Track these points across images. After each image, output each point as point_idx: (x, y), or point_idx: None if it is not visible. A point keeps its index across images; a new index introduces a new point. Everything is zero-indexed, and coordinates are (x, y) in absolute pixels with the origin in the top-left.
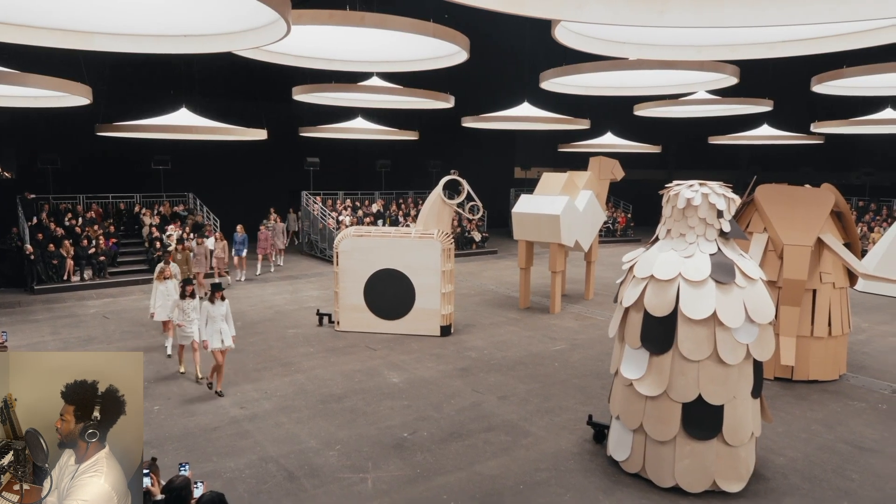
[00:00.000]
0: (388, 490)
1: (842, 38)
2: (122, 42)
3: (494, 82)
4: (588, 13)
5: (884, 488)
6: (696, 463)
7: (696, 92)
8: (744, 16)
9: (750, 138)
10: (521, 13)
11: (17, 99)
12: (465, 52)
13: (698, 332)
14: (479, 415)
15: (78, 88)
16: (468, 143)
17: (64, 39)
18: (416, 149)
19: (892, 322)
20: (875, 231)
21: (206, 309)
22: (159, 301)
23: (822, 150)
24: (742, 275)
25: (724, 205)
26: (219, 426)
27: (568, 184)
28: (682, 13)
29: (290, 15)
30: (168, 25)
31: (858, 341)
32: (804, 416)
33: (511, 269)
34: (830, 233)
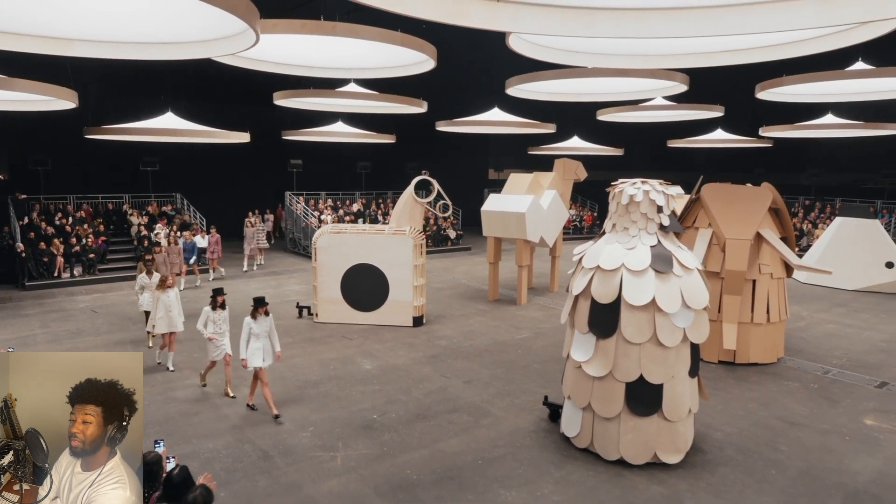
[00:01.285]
0: (356, 467)
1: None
2: (101, 48)
3: (467, 89)
4: (522, 25)
5: (808, 458)
6: (638, 437)
7: (654, 98)
8: (664, 27)
9: (705, 142)
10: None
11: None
12: (432, 60)
13: (639, 317)
14: (445, 398)
15: (64, 93)
16: (444, 145)
17: (45, 46)
18: (394, 151)
19: (830, 310)
20: (819, 228)
21: (247, 325)
22: (160, 312)
23: (772, 153)
24: (679, 265)
25: (663, 201)
26: (199, 411)
27: (533, 184)
28: (608, 25)
29: (258, 25)
30: (145, 33)
31: (798, 328)
32: (742, 396)
33: (483, 264)
34: (769, 227)
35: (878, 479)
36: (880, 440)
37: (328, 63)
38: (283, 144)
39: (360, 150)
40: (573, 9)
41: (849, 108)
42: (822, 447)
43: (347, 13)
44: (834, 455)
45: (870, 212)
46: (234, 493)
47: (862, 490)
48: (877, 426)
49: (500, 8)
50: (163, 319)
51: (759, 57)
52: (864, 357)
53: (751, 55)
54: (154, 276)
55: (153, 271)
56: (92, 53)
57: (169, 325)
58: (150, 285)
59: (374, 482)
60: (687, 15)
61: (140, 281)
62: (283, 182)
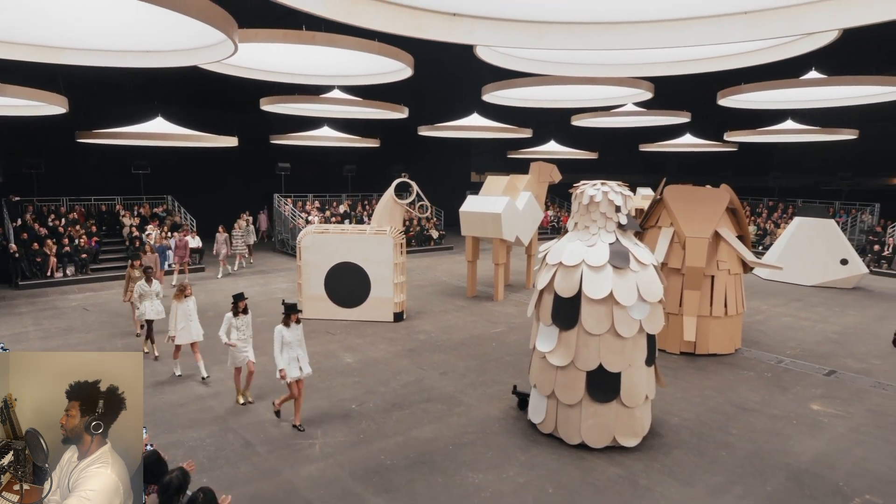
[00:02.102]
0: (333, 453)
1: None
2: (88, 56)
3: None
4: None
5: (757, 441)
6: (598, 422)
7: (625, 105)
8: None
9: (674, 146)
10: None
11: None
12: (409, 68)
13: (599, 310)
14: (421, 388)
15: (54, 98)
16: (428, 149)
17: (34, 54)
18: (380, 155)
19: (787, 304)
20: (781, 227)
21: (279, 333)
22: (181, 323)
23: (738, 156)
24: (636, 261)
25: (620, 201)
26: (185, 403)
27: (509, 186)
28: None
29: (236, 35)
30: (129, 42)
31: (756, 321)
32: (700, 384)
33: (463, 262)
34: (726, 227)
35: (819, 458)
36: (824, 423)
37: (310, 70)
38: (272, 148)
39: (346, 153)
40: (525, 23)
41: (807, 115)
42: (770, 431)
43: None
44: (781, 438)
45: (826, 212)
46: (216, 478)
47: (804, 469)
48: (822, 411)
49: (457, 22)
50: (185, 330)
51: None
52: (816, 348)
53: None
54: (154, 284)
55: (153, 279)
56: (79, 61)
57: (190, 336)
58: (150, 293)
59: (350, 467)
60: (629, 28)
61: (139, 289)
62: (272, 185)
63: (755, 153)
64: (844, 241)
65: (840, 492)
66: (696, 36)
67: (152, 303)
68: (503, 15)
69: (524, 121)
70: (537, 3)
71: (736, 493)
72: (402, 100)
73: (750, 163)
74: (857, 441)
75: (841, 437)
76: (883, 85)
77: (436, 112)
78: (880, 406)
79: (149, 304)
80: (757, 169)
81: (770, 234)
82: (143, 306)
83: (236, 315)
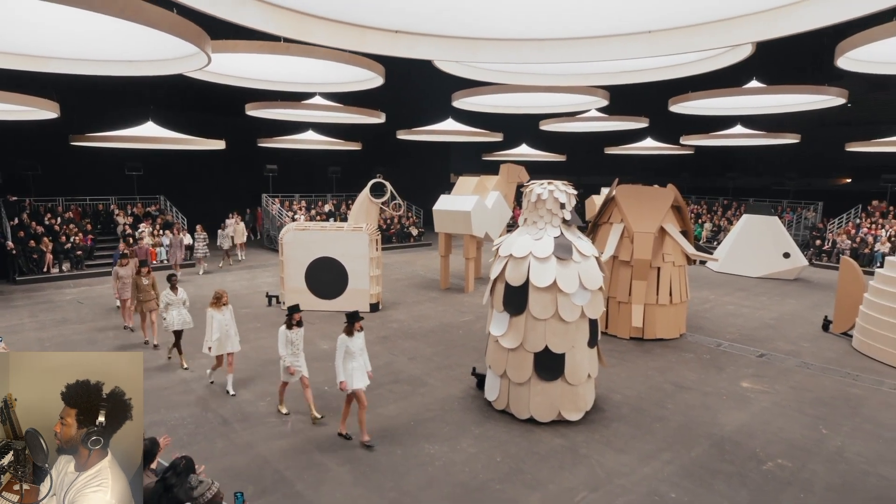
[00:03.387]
0: (303, 429)
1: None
2: (74, 65)
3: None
4: (418, 52)
5: (688, 414)
6: (545, 399)
7: (589, 110)
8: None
9: (636, 149)
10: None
11: None
12: (380, 77)
13: (544, 297)
14: (390, 371)
15: (45, 104)
16: (409, 152)
17: (25, 63)
18: (362, 157)
19: (733, 294)
20: (734, 224)
21: (342, 343)
22: (216, 333)
23: (696, 158)
24: (578, 252)
25: (565, 199)
26: (169, 386)
27: (479, 186)
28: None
29: (208, 47)
30: (111, 52)
31: (703, 308)
32: (645, 365)
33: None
34: (671, 222)
35: (741, 429)
36: (750, 398)
37: (289, 78)
38: (260, 151)
39: (331, 156)
40: (460, 39)
41: (755, 120)
42: (701, 405)
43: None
44: (710, 411)
45: (771, 210)
46: (194, 452)
47: (727, 438)
48: (750, 388)
49: (399, 38)
50: (221, 341)
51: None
52: (753, 332)
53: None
54: (180, 292)
55: (177, 287)
56: (66, 69)
57: (227, 346)
58: (177, 302)
59: (318, 442)
60: (549, 45)
61: (165, 298)
62: (260, 185)
63: (711, 155)
64: (787, 236)
65: (756, 457)
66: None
67: (179, 312)
68: (441, 32)
69: (496, 125)
70: (470, 23)
71: (663, 459)
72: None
73: (707, 164)
74: (777, 413)
75: (764, 411)
76: (814, 94)
77: (414, 117)
78: (802, 383)
79: (175, 313)
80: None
81: (724, 230)
82: (170, 316)
83: (290, 328)
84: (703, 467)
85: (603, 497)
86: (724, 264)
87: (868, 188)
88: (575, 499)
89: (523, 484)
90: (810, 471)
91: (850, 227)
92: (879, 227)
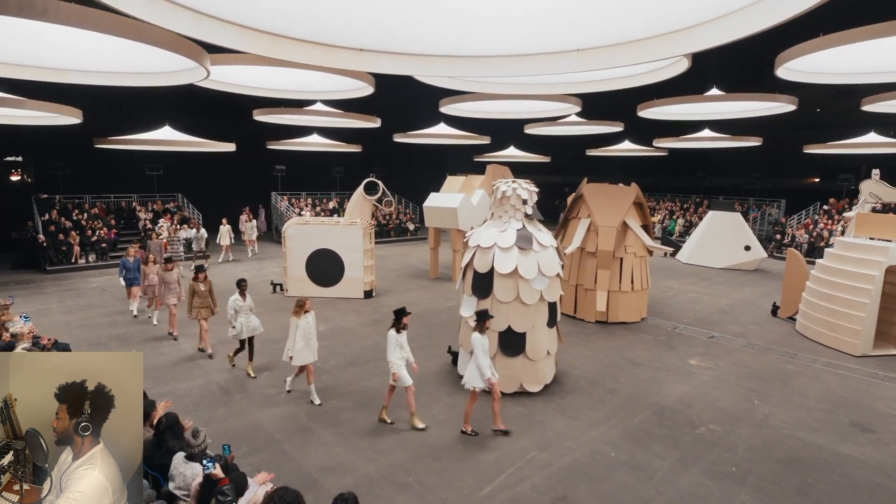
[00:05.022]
0: (296, 399)
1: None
2: (90, 77)
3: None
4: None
5: (637, 387)
6: (508, 372)
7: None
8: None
9: (615, 150)
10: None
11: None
12: (370, 87)
13: (507, 282)
14: (376, 350)
15: (68, 110)
16: (407, 153)
17: (46, 75)
18: (364, 158)
19: (696, 283)
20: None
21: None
22: (300, 343)
23: (671, 160)
24: (538, 243)
25: (527, 196)
26: (178, 362)
27: (465, 185)
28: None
29: (206, 61)
30: (124, 65)
31: (666, 295)
32: (606, 345)
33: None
34: (632, 217)
35: (682, 399)
36: (695, 374)
37: (287, 87)
38: (269, 153)
39: (335, 157)
40: (417, 56)
41: (722, 124)
42: (650, 379)
43: None
44: (657, 384)
45: (733, 206)
46: (197, 418)
47: (668, 407)
48: (697, 365)
49: (363, 55)
50: (303, 350)
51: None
52: (708, 317)
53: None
54: (248, 298)
55: (246, 293)
56: (83, 81)
57: (308, 357)
58: (245, 308)
59: (307, 409)
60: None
61: (234, 304)
62: (270, 184)
63: (684, 157)
64: (748, 230)
65: (691, 422)
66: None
67: (248, 318)
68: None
69: (484, 129)
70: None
71: (609, 425)
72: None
73: (681, 165)
74: (716, 386)
75: (705, 384)
76: (767, 101)
77: (410, 121)
78: (744, 360)
79: (244, 319)
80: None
81: (695, 225)
82: (239, 323)
83: (399, 332)
84: (642, 431)
85: (551, 455)
86: (690, 256)
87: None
88: (526, 457)
89: (482, 445)
90: (737, 434)
91: (808, 222)
92: (835, 222)
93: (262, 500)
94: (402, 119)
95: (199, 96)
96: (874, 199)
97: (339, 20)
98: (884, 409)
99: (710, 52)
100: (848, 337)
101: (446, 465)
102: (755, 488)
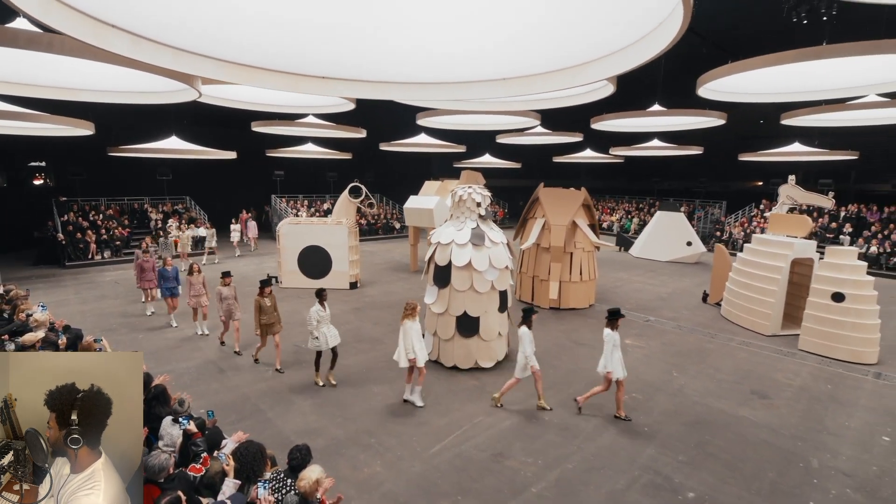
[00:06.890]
0: (282, 377)
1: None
2: (99, 95)
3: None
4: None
5: (576, 362)
6: (465, 351)
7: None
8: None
9: (577, 157)
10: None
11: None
12: (352, 103)
13: (463, 273)
14: (356, 333)
15: (81, 123)
16: (393, 160)
17: (60, 94)
18: (356, 165)
19: (643, 275)
20: None
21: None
22: (418, 344)
23: (628, 166)
24: (490, 240)
25: (480, 199)
26: (180, 345)
27: (441, 188)
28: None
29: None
30: (128, 86)
31: (615, 286)
32: (556, 329)
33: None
34: (581, 217)
35: None
36: (629, 352)
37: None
38: (269, 160)
39: (328, 163)
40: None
41: (669, 134)
42: (588, 356)
43: None
44: (594, 361)
45: (678, 207)
46: (193, 392)
47: (599, 379)
48: (631, 344)
49: (327, 82)
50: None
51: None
52: (648, 303)
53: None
54: (327, 307)
55: (325, 302)
56: (93, 99)
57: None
58: (325, 318)
59: (290, 384)
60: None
61: (315, 314)
62: (270, 188)
63: (639, 163)
64: (690, 228)
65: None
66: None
67: (329, 329)
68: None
69: (460, 139)
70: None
71: (548, 394)
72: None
73: (636, 170)
74: (644, 362)
75: (635, 360)
76: (700, 115)
77: (395, 131)
78: (672, 340)
79: (326, 329)
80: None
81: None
82: (322, 334)
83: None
84: (574, 398)
85: (493, 419)
86: (640, 251)
87: (766, 190)
88: (472, 421)
89: (437, 412)
90: (654, 401)
91: (744, 220)
92: (766, 221)
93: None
94: (387, 129)
95: (202, 110)
96: (790, 201)
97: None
98: (781, 379)
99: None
100: (761, 319)
101: (405, 429)
102: (661, 444)
